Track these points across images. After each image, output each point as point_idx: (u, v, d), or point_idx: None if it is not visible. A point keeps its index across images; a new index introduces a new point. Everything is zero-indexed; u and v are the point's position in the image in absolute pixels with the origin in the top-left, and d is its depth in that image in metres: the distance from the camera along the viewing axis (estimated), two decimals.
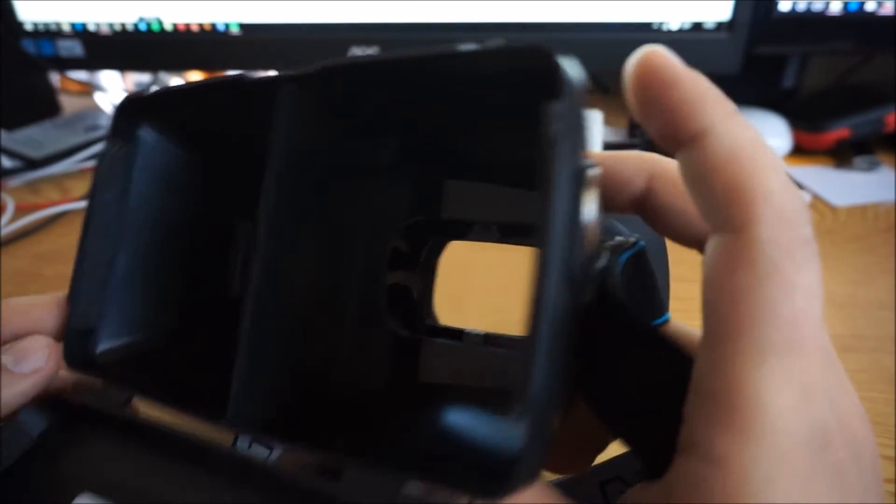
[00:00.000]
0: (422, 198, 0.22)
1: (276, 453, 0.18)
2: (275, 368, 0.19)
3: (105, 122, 0.70)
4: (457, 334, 0.22)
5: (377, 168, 0.21)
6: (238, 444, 0.19)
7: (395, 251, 0.22)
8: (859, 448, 0.14)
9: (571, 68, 0.13)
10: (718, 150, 0.13)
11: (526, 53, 0.13)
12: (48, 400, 0.20)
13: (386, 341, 0.22)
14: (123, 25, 0.61)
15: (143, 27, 0.61)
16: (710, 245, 0.14)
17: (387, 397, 0.22)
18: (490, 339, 0.21)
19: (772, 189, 0.13)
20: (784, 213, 0.13)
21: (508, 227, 0.21)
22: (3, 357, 0.20)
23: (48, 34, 0.62)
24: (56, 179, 0.61)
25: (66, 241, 0.51)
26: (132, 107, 0.21)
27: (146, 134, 0.22)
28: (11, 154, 0.62)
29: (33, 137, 0.67)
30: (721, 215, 0.13)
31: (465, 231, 0.21)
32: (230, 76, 0.18)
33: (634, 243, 0.18)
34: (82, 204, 0.56)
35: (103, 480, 0.18)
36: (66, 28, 0.62)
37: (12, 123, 0.68)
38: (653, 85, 0.13)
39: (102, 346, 0.22)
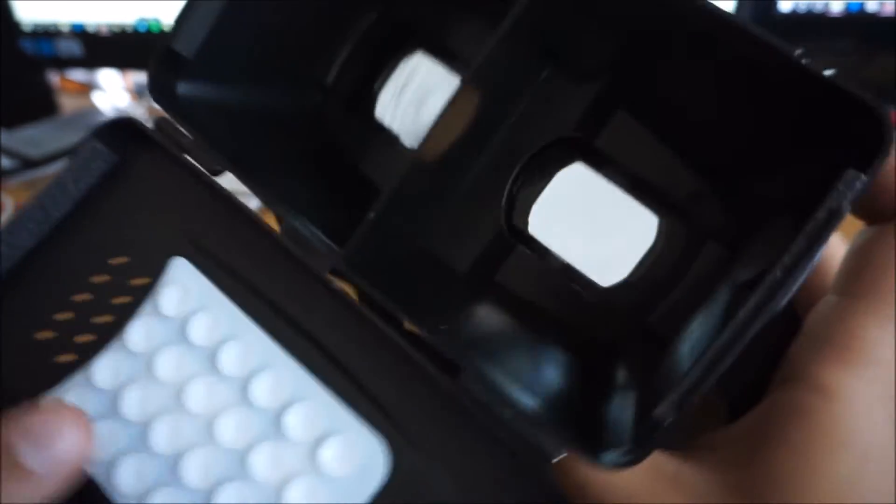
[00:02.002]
0: (589, 115, 0.20)
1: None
2: (400, 221, 0.19)
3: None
4: (542, 251, 0.21)
5: (582, 64, 0.20)
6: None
7: (536, 153, 0.21)
8: None
9: (888, 140, 0.13)
10: None
11: (856, 104, 0.13)
12: (122, 120, 0.19)
13: (488, 230, 0.21)
14: (123, 25, 0.61)
15: (142, 27, 0.61)
16: (870, 228, 0.16)
17: (464, 284, 0.21)
18: (568, 272, 0.21)
19: None
20: None
21: (643, 182, 0.20)
22: (11, 441, 0.14)
23: (47, 34, 0.62)
24: None
25: None
26: None
27: None
28: (10, 153, 0.62)
29: (32, 137, 0.67)
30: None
31: (603, 164, 0.21)
32: None
33: None
34: None
35: (195, 247, 0.18)
36: (65, 28, 0.62)
37: (11, 123, 0.67)
38: None
39: (191, 86, 0.20)
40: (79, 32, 0.62)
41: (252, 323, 0.17)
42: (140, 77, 0.85)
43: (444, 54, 0.23)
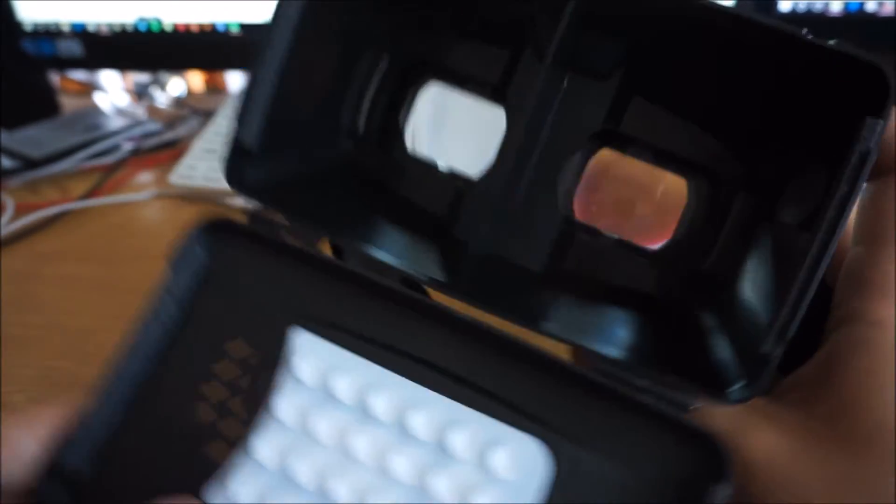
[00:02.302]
0: (616, 107, 0.23)
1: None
2: (487, 243, 0.22)
3: (105, 122, 0.70)
4: (595, 232, 0.24)
5: (599, 68, 0.22)
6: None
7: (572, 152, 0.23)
8: None
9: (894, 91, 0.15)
10: None
11: (861, 65, 0.16)
12: (213, 221, 0.20)
13: (550, 229, 0.23)
14: (123, 25, 0.61)
15: (142, 27, 0.61)
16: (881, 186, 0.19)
17: (541, 279, 0.23)
18: (621, 245, 0.23)
19: None
20: None
21: (666, 153, 0.23)
22: None
23: (48, 34, 0.62)
24: (56, 179, 0.61)
25: (66, 241, 0.51)
26: None
27: None
28: (11, 154, 0.62)
29: (33, 137, 0.67)
30: None
31: (626, 145, 0.23)
32: None
33: None
34: (82, 204, 0.56)
35: (306, 315, 0.20)
36: (66, 28, 0.62)
37: (12, 123, 0.67)
38: None
39: (260, 172, 0.21)
40: (79, 32, 0.62)
41: (381, 368, 0.19)
42: (140, 77, 0.85)
43: (456, 79, 0.25)
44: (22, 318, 0.41)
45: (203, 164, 0.59)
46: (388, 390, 0.18)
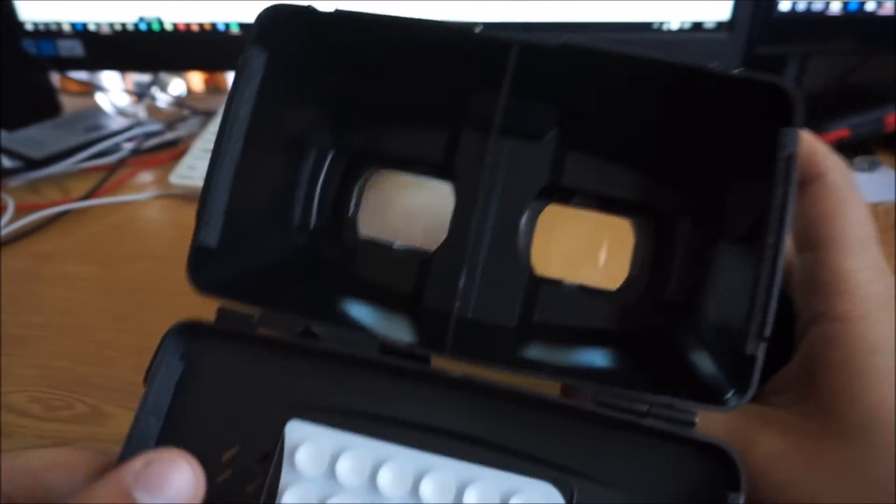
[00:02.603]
0: (555, 164, 0.24)
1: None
2: (466, 306, 0.23)
3: (105, 123, 0.70)
4: (553, 283, 0.25)
5: (535, 132, 0.24)
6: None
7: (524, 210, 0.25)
8: None
9: (799, 102, 0.18)
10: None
11: (764, 86, 0.18)
12: (181, 325, 0.20)
13: (516, 287, 0.24)
14: (123, 25, 0.61)
15: (143, 27, 0.61)
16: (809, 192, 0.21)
17: (516, 334, 0.24)
18: (583, 290, 0.25)
19: (830, 151, 0.21)
20: (843, 167, 0.21)
21: (606, 198, 0.24)
22: (128, 486, 0.15)
23: (48, 34, 0.62)
24: (56, 179, 0.61)
25: (67, 241, 0.51)
26: (279, 16, 0.21)
27: (284, 43, 0.22)
28: (11, 154, 0.62)
29: (33, 137, 0.67)
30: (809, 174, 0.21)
31: (570, 197, 0.25)
32: (457, 24, 0.20)
33: None
34: (82, 204, 0.56)
35: (298, 406, 0.19)
36: (67, 28, 0.62)
37: (12, 123, 0.67)
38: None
39: (224, 269, 0.21)
40: (80, 32, 0.62)
41: (384, 442, 0.19)
42: (141, 77, 0.85)
43: (401, 163, 0.27)
44: (22, 318, 0.41)
45: (203, 165, 0.59)
46: (394, 463, 0.18)
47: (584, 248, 0.26)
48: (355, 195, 0.27)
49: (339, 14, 0.21)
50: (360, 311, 0.24)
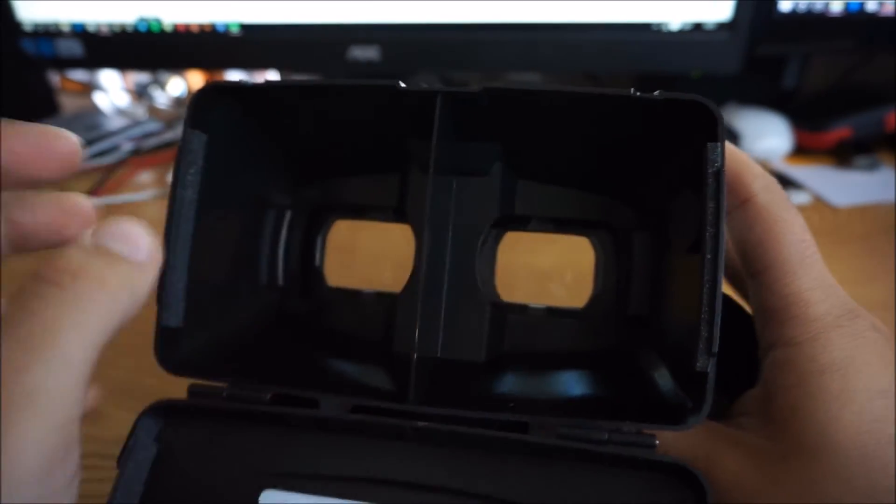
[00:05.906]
0: (504, 195, 0.25)
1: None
2: (432, 352, 0.23)
3: (104, 122, 0.70)
4: (520, 309, 0.25)
5: (479, 168, 0.24)
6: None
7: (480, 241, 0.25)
8: (879, 325, 0.20)
9: (720, 117, 0.18)
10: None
11: (688, 105, 0.18)
12: (154, 406, 0.20)
13: (480, 320, 0.24)
14: (123, 25, 0.61)
15: (142, 27, 0.61)
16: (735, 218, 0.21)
17: (486, 365, 0.24)
18: (550, 312, 0.25)
19: (760, 171, 0.21)
20: (773, 186, 0.21)
21: (562, 220, 0.25)
22: (110, 243, 0.17)
23: (48, 34, 0.62)
24: None
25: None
26: (212, 95, 0.21)
27: (222, 118, 0.22)
28: None
29: None
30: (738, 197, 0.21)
31: (526, 223, 0.25)
32: (381, 83, 0.20)
33: None
34: None
35: (272, 473, 0.19)
36: (66, 28, 0.62)
37: None
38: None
39: (193, 344, 0.21)
40: (79, 32, 0.62)
41: (361, 503, 0.18)
42: (140, 77, 0.85)
43: (358, 212, 0.27)
44: None
45: None
46: None
47: (547, 269, 0.26)
48: (319, 246, 0.28)
49: (269, 85, 0.21)
50: (333, 365, 0.24)
